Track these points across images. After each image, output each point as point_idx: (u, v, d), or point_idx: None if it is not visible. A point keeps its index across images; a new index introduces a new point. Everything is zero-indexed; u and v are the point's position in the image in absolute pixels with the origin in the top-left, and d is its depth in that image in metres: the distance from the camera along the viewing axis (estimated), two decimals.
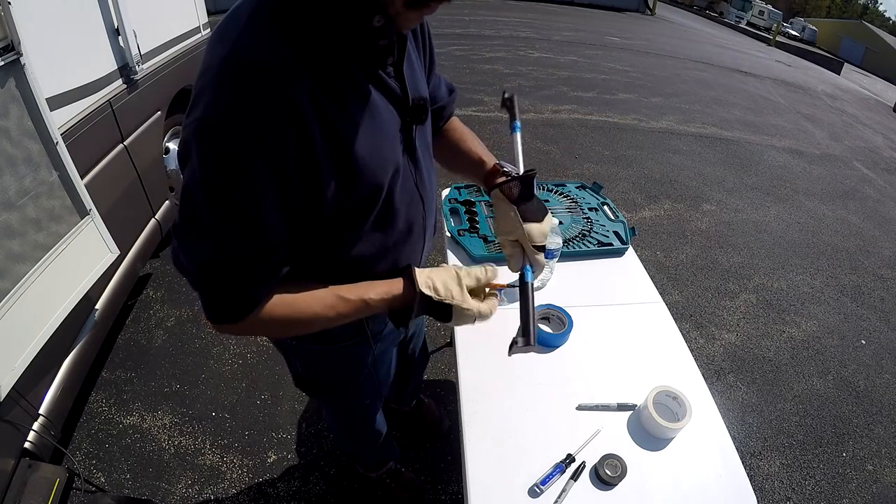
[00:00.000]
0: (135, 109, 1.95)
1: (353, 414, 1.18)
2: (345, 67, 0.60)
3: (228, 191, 0.54)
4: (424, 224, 0.83)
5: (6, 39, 1.12)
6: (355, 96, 0.61)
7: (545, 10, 13.61)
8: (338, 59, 0.59)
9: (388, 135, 0.68)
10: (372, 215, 0.70)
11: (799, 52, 18.74)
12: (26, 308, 1.21)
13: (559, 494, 0.88)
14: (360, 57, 0.61)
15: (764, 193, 4.16)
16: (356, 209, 0.68)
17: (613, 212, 1.63)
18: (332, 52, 0.58)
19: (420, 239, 0.84)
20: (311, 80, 0.55)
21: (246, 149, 0.52)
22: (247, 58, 0.52)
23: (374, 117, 0.64)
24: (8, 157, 1.16)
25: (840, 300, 2.93)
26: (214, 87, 0.52)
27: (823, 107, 8.40)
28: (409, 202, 0.76)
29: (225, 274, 0.59)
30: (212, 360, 2.02)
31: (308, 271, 0.72)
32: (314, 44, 0.56)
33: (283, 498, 1.59)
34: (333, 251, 0.72)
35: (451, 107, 0.97)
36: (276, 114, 0.52)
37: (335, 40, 0.58)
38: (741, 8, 30.61)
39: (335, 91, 0.58)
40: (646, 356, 1.15)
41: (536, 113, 5.15)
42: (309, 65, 0.55)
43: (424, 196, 0.80)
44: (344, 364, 0.98)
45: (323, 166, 0.58)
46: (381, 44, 0.60)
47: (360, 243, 0.73)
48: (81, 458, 1.64)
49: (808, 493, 1.80)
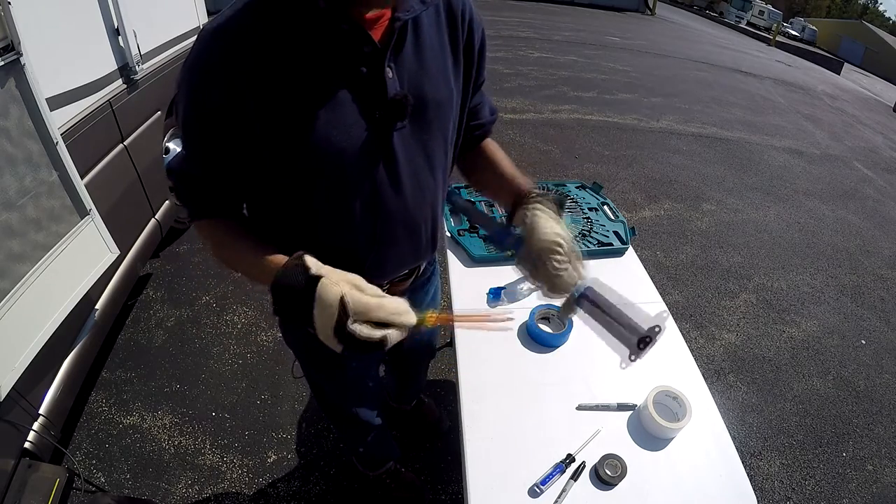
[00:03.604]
0: (135, 109, 1.95)
1: (322, 388, 1.14)
2: (308, 51, 0.62)
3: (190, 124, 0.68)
4: (381, 235, 0.77)
5: (6, 39, 1.12)
6: (309, 79, 0.63)
7: (545, 10, 13.61)
8: (300, 42, 0.62)
9: (342, 126, 0.66)
10: (315, 197, 0.71)
11: (799, 52, 18.74)
12: (26, 308, 1.21)
13: (559, 494, 0.88)
14: (325, 42, 0.62)
15: (764, 193, 4.16)
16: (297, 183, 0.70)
17: (613, 212, 1.63)
18: (296, 34, 0.61)
19: (382, 249, 0.79)
20: (263, 48, 0.60)
21: (198, 97, 0.64)
22: (212, 24, 0.62)
23: (326, 103, 0.64)
24: (8, 157, 1.16)
25: (840, 300, 2.93)
26: (193, 46, 0.64)
27: (823, 107, 8.40)
28: (365, 204, 0.72)
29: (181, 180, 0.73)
30: (212, 360, 2.02)
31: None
32: (280, 24, 0.61)
33: (283, 498, 1.59)
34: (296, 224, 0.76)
35: (488, 127, 0.95)
36: (218, 71, 0.61)
37: (298, 23, 0.61)
38: (741, 8, 30.59)
39: (287, 67, 0.62)
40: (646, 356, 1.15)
41: (536, 113, 5.15)
42: (266, 37, 0.60)
43: (389, 205, 0.74)
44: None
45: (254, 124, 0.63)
46: (343, 28, 0.61)
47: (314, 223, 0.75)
48: (81, 458, 1.64)
49: (808, 493, 1.80)
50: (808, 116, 7.22)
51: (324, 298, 0.57)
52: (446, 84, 0.76)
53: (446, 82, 0.76)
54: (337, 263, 0.63)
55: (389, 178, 0.73)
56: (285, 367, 2.00)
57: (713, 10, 32.19)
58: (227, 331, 2.16)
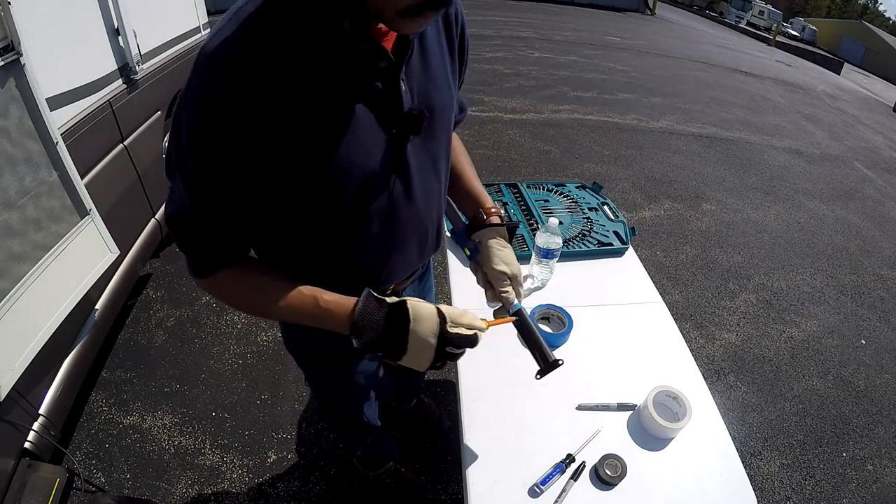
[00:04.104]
0: (135, 109, 1.95)
1: (326, 393, 1.15)
2: (323, 72, 0.59)
3: (203, 164, 0.61)
4: (395, 244, 0.79)
5: (6, 39, 1.12)
6: (328, 102, 0.61)
7: (545, 10, 13.61)
8: (314, 64, 0.59)
9: (363, 146, 0.65)
10: (334, 218, 0.70)
11: (799, 52, 18.73)
12: (26, 308, 1.21)
13: (559, 494, 0.88)
14: (342, 62, 0.60)
15: (764, 193, 4.16)
16: (316, 206, 0.68)
17: (613, 212, 1.63)
18: (309, 56, 0.58)
19: (394, 257, 0.81)
20: (275, 79, 0.57)
21: (204, 134, 0.58)
22: (213, 52, 0.56)
23: (347, 123, 0.63)
24: (8, 157, 1.16)
25: (840, 300, 2.93)
26: (190, 75, 0.59)
27: (823, 107, 8.40)
28: (382, 218, 0.74)
29: (188, 230, 0.67)
30: (212, 360, 2.03)
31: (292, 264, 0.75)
32: (289, 47, 0.57)
33: (283, 498, 1.59)
34: (308, 246, 0.74)
35: (458, 123, 0.95)
36: (228, 107, 0.57)
37: (312, 44, 0.58)
38: (741, 8, 30.58)
39: (302, 94, 0.59)
40: (646, 356, 1.16)
41: (536, 113, 5.15)
42: (276, 65, 0.57)
43: (402, 216, 0.76)
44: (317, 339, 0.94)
45: (273, 154, 0.60)
46: (363, 48, 0.60)
47: (329, 242, 0.73)
48: (81, 458, 1.64)
49: (808, 493, 1.80)
50: (808, 116, 7.22)
51: (420, 312, 0.69)
52: (448, 89, 0.76)
53: (448, 87, 0.76)
54: (351, 276, 0.70)
55: (404, 189, 0.74)
56: (285, 367, 2.00)
57: (713, 10, 32.18)
58: (227, 331, 2.16)
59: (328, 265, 0.76)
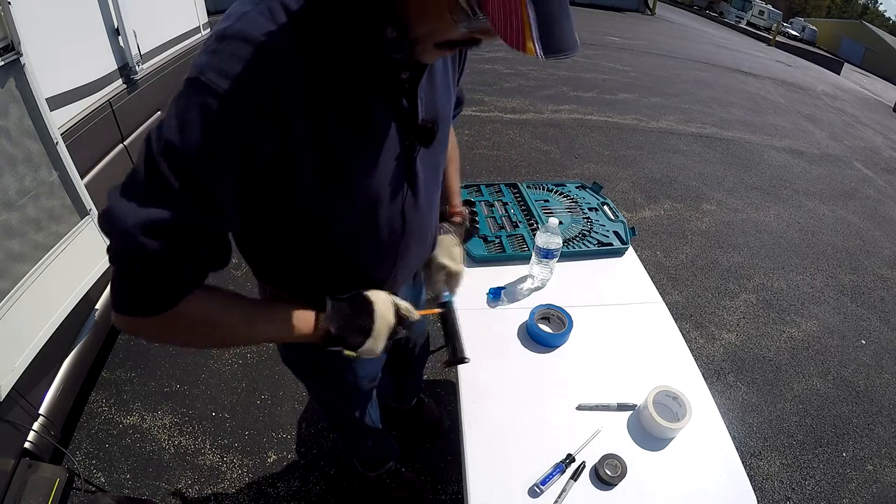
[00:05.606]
0: (135, 109, 1.95)
1: (330, 402, 1.15)
2: (354, 75, 0.58)
3: (191, 154, 0.50)
4: (401, 251, 0.80)
5: (6, 39, 1.12)
6: (356, 106, 0.59)
7: None
8: (348, 65, 0.57)
9: (383, 156, 0.65)
10: (344, 229, 0.69)
11: (799, 52, 18.73)
12: (26, 308, 1.21)
13: (559, 494, 0.88)
14: (372, 68, 0.59)
15: (764, 193, 4.16)
16: (330, 212, 0.67)
17: (613, 212, 1.63)
18: (343, 56, 0.56)
19: (399, 263, 0.82)
20: (312, 75, 0.54)
21: (221, 118, 0.50)
22: (249, 32, 0.50)
23: (370, 133, 0.62)
24: (8, 157, 1.16)
25: (840, 300, 2.93)
26: (208, 53, 0.50)
27: (823, 107, 8.39)
28: (391, 227, 0.74)
29: (160, 242, 0.51)
30: (212, 360, 2.02)
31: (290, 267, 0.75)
32: (326, 43, 0.55)
33: (283, 498, 1.59)
34: (318, 255, 0.73)
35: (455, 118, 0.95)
36: (264, 95, 0.51)
37: (348, 45, 0.56)
38: (741, 8, 30.57)
39: (335, 95, 0.57)
40: (646, 356, 1.16)
41: (536, 113, 5.15)
42: (314, 60, 0.54)
43: (410, 224, 0.77)
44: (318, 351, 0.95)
45: (297, 160, 0.57)
46: (396, 57, 0.58)
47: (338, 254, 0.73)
48: (81, 458, 1.64)
49: (808, 493, 1.80)
50: (807, 116, 7.22)
51: (378, 294, 0.75)
52: (449, 99, 0.76)
53: (449, 97, 0.76)
54: (357, 284, 0.74)
55: (414, 199, 0.75)
56: (285, 367, 1.99)
57: (713, 10, 32.16)
58: None
59: (336, 273, 0.76)
